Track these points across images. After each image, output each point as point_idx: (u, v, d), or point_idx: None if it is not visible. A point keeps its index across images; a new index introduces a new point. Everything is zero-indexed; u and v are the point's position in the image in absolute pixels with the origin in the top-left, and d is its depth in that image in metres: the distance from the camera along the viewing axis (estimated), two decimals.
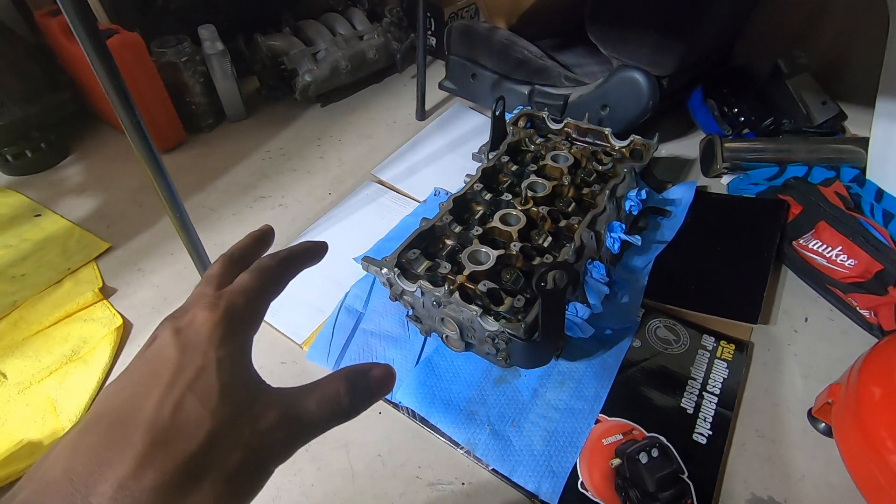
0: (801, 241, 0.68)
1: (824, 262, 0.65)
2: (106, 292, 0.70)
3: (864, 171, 0.76)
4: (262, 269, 0.23)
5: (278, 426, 0.19)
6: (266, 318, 0.73)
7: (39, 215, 0.82)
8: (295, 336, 0.63)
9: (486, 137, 0.82)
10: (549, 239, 0.60)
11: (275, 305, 0.73)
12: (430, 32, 1.20)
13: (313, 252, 0.27)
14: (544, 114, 0.83)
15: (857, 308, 0.63)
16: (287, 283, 0.25)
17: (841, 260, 0.64)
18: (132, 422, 0.17)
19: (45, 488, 0.17)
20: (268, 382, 0.21)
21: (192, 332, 0.20)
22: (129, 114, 0.49)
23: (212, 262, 0.65)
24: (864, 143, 0.78)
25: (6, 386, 0.58)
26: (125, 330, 0.65)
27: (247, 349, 0.21)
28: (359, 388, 0.22)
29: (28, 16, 0.95)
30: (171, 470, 0.17)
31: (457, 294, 0.52)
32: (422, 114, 1.03)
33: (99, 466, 0.16)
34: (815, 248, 0.66)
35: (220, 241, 0.77)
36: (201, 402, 0.18)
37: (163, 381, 0.18)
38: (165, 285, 0.71)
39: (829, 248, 0.65)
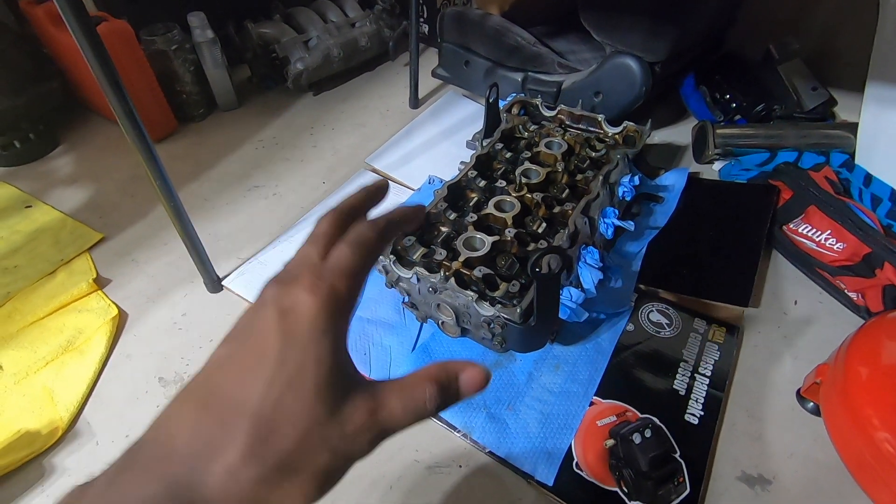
0: (791, 226, 0.69)
1: (814, 245, 0.66)
2: (100, 283, 0.69)
3: (853, 156, 0.77)
4: (363, 244, 0.22)
5: (365, 429, 0.20)
6: None
7: (30, 207, 0.81)
8: None
9: (479, 125, 0.82)
10: (544, 225, 0.61)
11: None
12: (422, 19, 1.19)
13: (411, 218, 0.25)
14: (538, 101, 0.83)
15: (846, 290, 0.64)
16: (383, 252, 0.24)
17: (830, 244, 0.65)
18: (240, 411, 0.18)
19: (170, 455, 0.18)
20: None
21: (295, 320, 0.19)
22: (122, 102, 0.48)
23: (206, 251, 0.65)
24: (853, 128, 0.79)
25: (3, 376, 0.58)
26: (120, 320, 0.65)
27: (344, 337, 0.21)
28: (447, 392, 0.22)
29: (13, 4, 0.93)
30: (269, 465, 0.18)
31: (452, 280, 0.53)
32: (415, 102, 1.03)
33: (213, 448, 0.18)
34: (804, 232, 0.67)
35: (214, 230, 0.77)
36: (299, 401, 0.19)
37: (266, 371, 0.19)
38: (160, 275, 0.71)
39: (819, 232, 0.66)
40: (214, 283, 0.67)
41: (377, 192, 0.26)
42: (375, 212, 0.26)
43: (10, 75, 0.86)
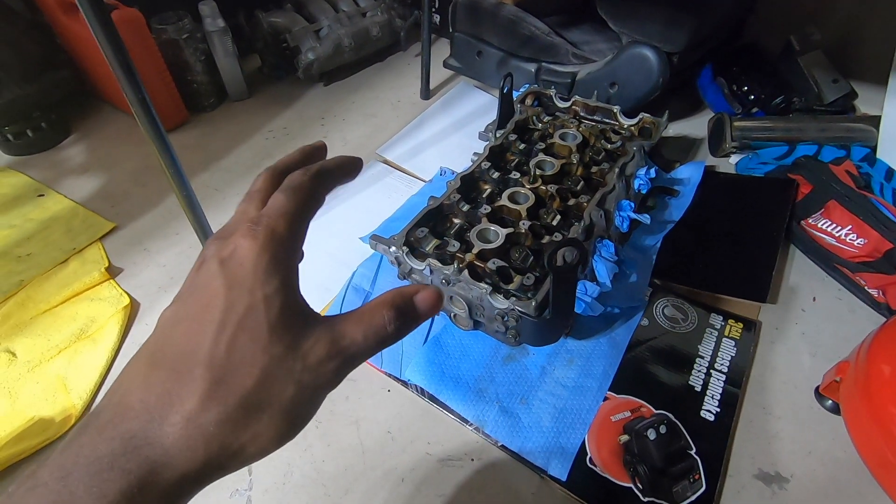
0: (809, 221, 0.68)
1: (833, 241, 0.65)
2: (112, 272, 0.70)
3: (874, 150, 0.76)
4: (297, 188, 0.22)
5: (327, 359, 0.20)
6: None
7: (42, 195, 0.82)
8: None
9: (491, 116, 0.81)
10: (558, 217, 0.60)
11: None
12: (434, 9, 1.18)
13: (347, 168, 0.25)
14: (552, 92, 0.82)
15: (866, 287, 0.62)
16: (323, 201, 0.24)
17: (850, 239, 0.64)
18: (193, 360, 0.18)
19: (125, 412, 0.18)
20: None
21: (237, 265, 0.19)
22: (135, 90, 0.48)
23: None
24: (875, 121, 0.77)
25: (16, 364, 0.58)
26: (132, 309, 0.65)
27: (293, 277, 0.21)
28: (405, 315, 0.22)
29: None
30: (231, 405, 0.18)
31: (466, 272, 0.52)
32: (426, 92, 1.02)
33: (169, 399, 0.18)
34: (824, 227, 0.66)
35: (224, 220, 0.75)
36: (253, 341, 0.19)
37: (214, 318, 0.19)
38: (171, 265, 0.71)
39: (839, 228, 0.65)
40: None
41: (314, 151, 0.26)
42: None
43: (21, 63, 0.86)
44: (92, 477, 0.17)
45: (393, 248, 0.55)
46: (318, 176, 0.23)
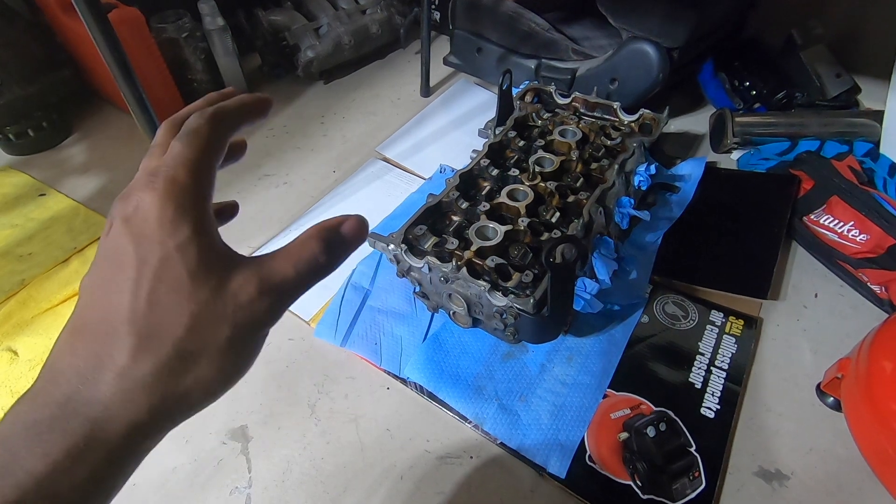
0: (812, 217, 0.67)
1: (835, 237, 0.65)
2: None
3: (877, 145, 0.75)
4: (192, 132, 0.21)
5: (260, 296, 0.19)
6: None
7: (44, 195, 0.82)
8: (302, 313, 0.63)
9: (491, 113, 0.81)
10: (557, 214, 0.60)
11: None
12: (434, 6, 1.17)
13: (250, 107, 0.24)
14: (551, 88, 0.81)
15: (868, 283, 0.62)
16: (225, 144, 0.22)
17: (853, 235, 0.63)
18: (116, 320, 0.18)
19: (56, 378, 0.18)
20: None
21: (141, 220, 0.19)
22: (133, 91, 0.48)
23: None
24: (878, 116, 0.76)
25: (18, 363, 0.59)
26: None
27: (206, 223, 0.20)
28: (334, 244, 0.21)
29: None
30: (164, 354, 0.18)
31: (464, 270, 0.52)
32: (426, 90, 1.02)
33: (99, 360, 0.18)
34: (826, 223, 0.65)
35: None
36: (174, 290, 0.18)
37: (129, 276, 0.18)
38: None
39: (841, 224, 0.64)
40: None
41: (220, 97, 0.25)
42: None
43: (22, 63, 0.87)
44: (32, 439, 0.17)
45: (391, 246, 0.55)
46: (215, 118, 0.22)
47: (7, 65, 0.85)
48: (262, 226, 0.76)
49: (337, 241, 0.22)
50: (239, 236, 0.74)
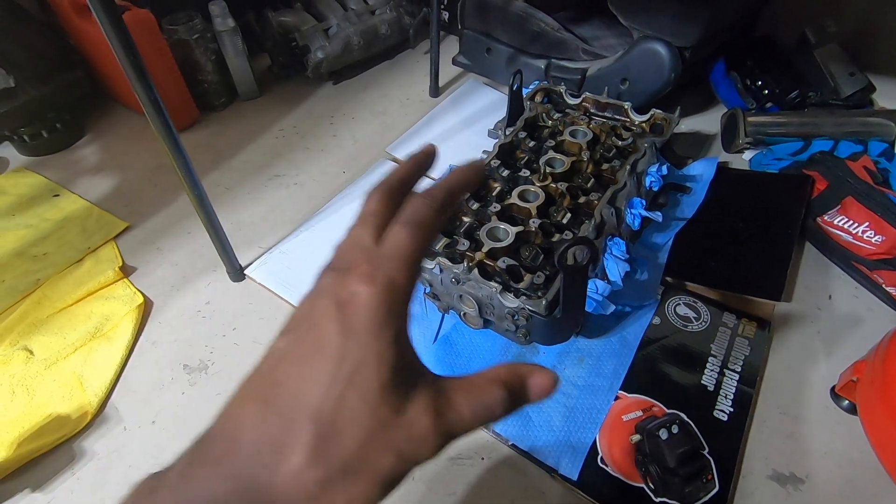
0: (825, 218, 0.66)
1: (850, 238, 0.64)
2: (126, 271, 0.70)
3: (892, 144, 0.74)
4: (420, 224, 0.20)
5: (431, 434, 0.19)
6: (282, 294, 0.72)
7: (58, 195, 0.83)
8: None
9: (500, 114, 0.81)
10: (569, 215, 0.59)
11: (293, 283, 0.72)
12: (443, 6, 1.17)
13: (470, 178, 0.23)
14: (561, 88, 0.81)
15: (884, 285, 0.61)
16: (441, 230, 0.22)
17: (868, 236, 0.62)
18: (302, 409, 0.18)
19: (238, 451, 0.18)
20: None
21: (354, 313, 0.18)
22: (147, 92, 0.48)
23: (230, 241, 0.66)
24: (893, 115, 0.75)
25: (33, 362, 0.59)
26: (146, 307, 0.66)
27: (406, 330, 0.20)
28: (516, 398, 0.20)
29: None
30: (333, 467, 0.17)
31: (476, 271, 0.52)
32: (435, 90, 1.02)
33: (280, 448, 0.17)
34: (840, 224, 0.65)
35: (236, 219, 0.77)
36: (362, 400, 0.18)
37: (327, 368, 0.18)
38: (183, 263, 0.71)
39: (856, 225, 0.63)
40: (237, 272, 0.68)
41: (426, 158, 0.24)
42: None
43: (35, 64, 0.87)
44: None
45: None
46: (444, 204, 0.21)
47: (21, 66, 0.86)
48: (273, 226, 0.76)
49: (521, 395, 0.20)
50: (250, 237, 0.74)
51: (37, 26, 0.90)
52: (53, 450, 0.52)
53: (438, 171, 0.82)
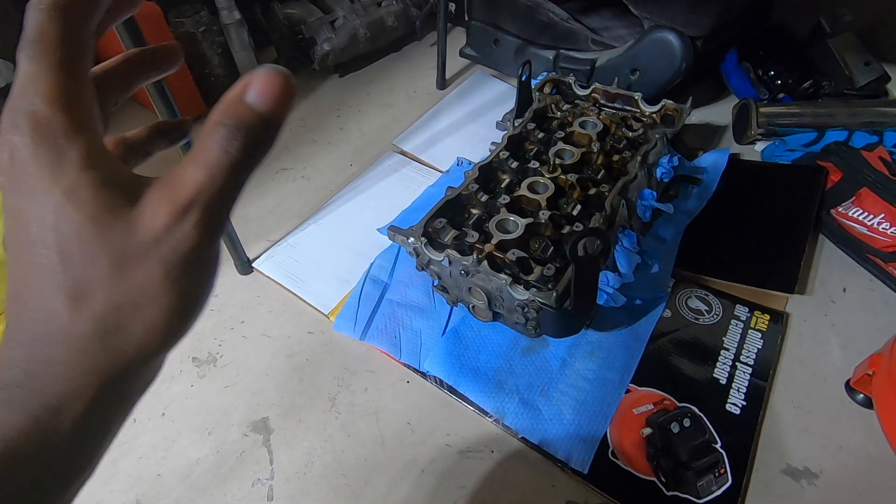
0: (840, 209, 0.65)
1: (865, 230, 0.63)
2: None
3: None
4: (35, 42, 0.17)
5: (177, 219, 0.16)
6: (292, 288, 0.72)
7: None
8: (321, 306, 0.63)
9: (508, 105, 0.80)
10: (579, 207, 0.59)
11: (301, 276, 0.72)
12: None
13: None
14: (570, 79, 0.80)
15: None
16: (91, 36, 0.18)
17: (883, 228, 0.61)
18: (43, 285, 0.16)
19: (28, 323, 0.17)
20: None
21: (20, 171, 0.16)
22: (156, 85, 0.48)
23: (238, 234, 0.66)
24: None
25: None
26: None
27: (93, 154, 0.17)
28: (244, 124, 0.17)
29: None
30: (99, 311, 0.16)
31: (485, 263, 0.51)
32: (442, 82, 1.01)
33: (45, 327, 0.17)
34: (855, 215, 0.64)
35: (243, 213, 0.77)
36: (82, 241, 0.16)
37: (33, 239, 0.16)
38: None
39: (871, 216, 0.62)
40: (245, 265, 0.68)
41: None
42: None
43: None
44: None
45: (411, 240, 0.54)
46: (56, 7, 0.17)
47: None
48: (280, 220, 0.76)
49: (246, 117, 0.17)
50: (258, 230, 0.74)
51: None
52: None
53: (447, 163, 0.82)
